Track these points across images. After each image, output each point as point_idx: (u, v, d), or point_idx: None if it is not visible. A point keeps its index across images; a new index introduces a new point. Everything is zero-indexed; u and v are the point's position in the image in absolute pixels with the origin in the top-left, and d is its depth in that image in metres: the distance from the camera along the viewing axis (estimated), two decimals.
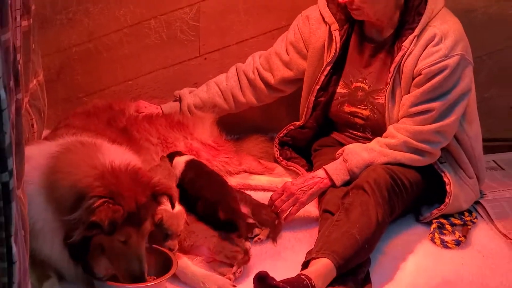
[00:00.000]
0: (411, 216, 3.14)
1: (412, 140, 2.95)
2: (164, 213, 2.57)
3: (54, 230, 2.36)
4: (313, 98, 3.27)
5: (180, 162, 3.06)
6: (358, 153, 3.00)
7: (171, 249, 2.61)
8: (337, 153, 3.09)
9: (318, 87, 3.23)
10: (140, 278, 2.36)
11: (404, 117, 3.00)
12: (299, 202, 2.96)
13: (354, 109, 3.22)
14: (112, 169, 2.35)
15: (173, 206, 2.54)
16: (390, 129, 3.03)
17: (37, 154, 2.44)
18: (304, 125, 3.39)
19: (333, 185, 2.99)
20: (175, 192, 2.55)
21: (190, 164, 3.06)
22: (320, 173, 3.03)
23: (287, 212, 2.96)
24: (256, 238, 2.87)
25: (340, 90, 3.23)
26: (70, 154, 2.45)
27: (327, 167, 3.03)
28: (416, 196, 3.04)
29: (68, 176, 2.32)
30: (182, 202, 2.76)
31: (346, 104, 3.23)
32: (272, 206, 2.98)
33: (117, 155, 2.46)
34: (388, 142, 2.99)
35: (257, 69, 3.43)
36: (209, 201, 2.84)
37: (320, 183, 2.99)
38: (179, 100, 3.50)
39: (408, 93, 3.00)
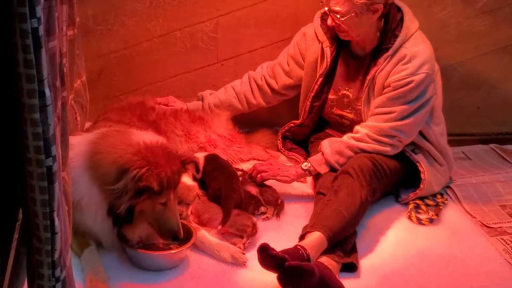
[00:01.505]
0: (391, 197, 3.13)
1: (372, 134, 2.94)
2: (179, 185, 2.54)
3: (98, 204, 2.36)
4: (309, 103, 3.26)
5: (199, 157, 3.02)
6: (330, 146, 2.99)
7: (180, 215, 2.58)
8: (319, 147, 3.07)
9: (312, 94, 3.22)
10: (178, 233, 2.37)
11: (371, 116, 3.00)
12: (269, 174, 3.00)
13: (341, 112, 3.21)
14: (145, 145, 2.35)
15: (198, 171, 2.55)
16: (357, 126, 3.04)
17: (79, 143, 2.44)
18: (302, 124, 3.38)
19: (317, 174, 3.00)
20: (199, 161, 2.54)
21: (208, 159, 3.05)
22: (304, 163, 3.04)
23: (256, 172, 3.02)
24: (264, 216, 2.86)
25: (330, 96, 3.22)
26: (107, 138, 2.46)
27: (310, 159, 3.05)
28: (395, 180, 3.03)
29: (109, 155, 2.32)
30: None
31: (335, 108, 3.22)
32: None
33: (146, 136, 2.46)
34: (354, 135, 3.00)
35: (264, 77, 3.41)
36: (214, 188, 2.83)
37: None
38: (202, 99, 3.50)
39: None
